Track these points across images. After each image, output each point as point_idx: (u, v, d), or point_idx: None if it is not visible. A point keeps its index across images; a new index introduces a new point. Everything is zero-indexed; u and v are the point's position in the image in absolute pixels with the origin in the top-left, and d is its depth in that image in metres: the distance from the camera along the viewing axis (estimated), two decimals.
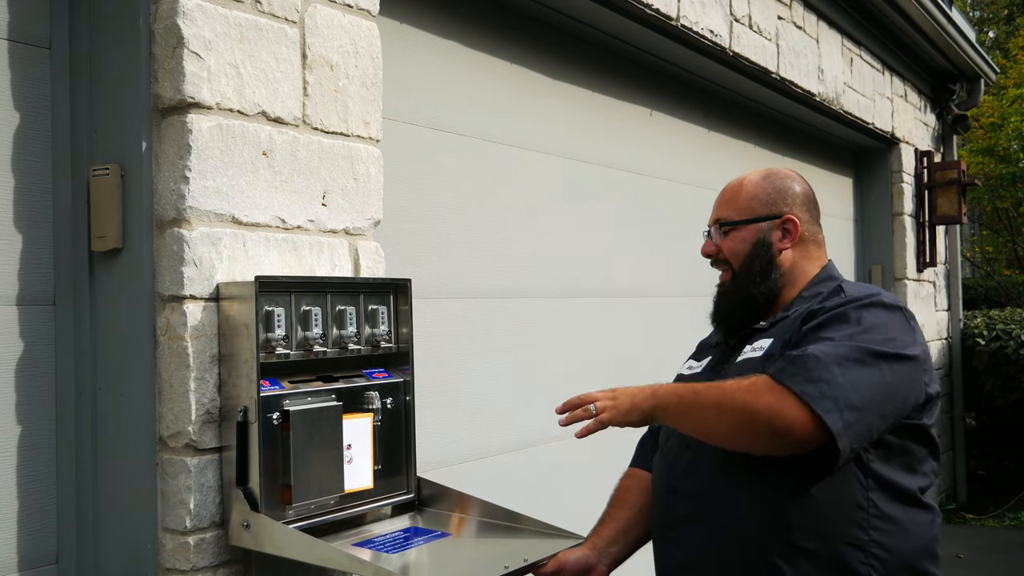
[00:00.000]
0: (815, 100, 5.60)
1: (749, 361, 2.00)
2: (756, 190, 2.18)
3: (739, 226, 2.16)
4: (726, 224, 2.17)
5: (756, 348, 2.03)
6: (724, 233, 2.17)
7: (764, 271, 2.12)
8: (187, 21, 2.06)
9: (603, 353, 4.11)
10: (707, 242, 2.21)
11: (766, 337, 2.04)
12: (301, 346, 2.18)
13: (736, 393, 1.82)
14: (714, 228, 2.19)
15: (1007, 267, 12.08)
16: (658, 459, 2.18)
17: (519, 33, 3.74)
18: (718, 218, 2.20)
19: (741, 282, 2.13)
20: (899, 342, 1.87)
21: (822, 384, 1.75)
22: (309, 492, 2.09)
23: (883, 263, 7.30)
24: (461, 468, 3.31)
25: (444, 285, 3.31)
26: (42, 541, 2.09)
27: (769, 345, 2.00)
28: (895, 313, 1.93)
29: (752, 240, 2.14)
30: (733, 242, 2.16)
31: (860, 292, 1.99)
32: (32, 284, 2.10)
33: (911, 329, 1.94)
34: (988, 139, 10.25)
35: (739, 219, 2.16)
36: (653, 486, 2.17)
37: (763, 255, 2.13)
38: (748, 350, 2.05)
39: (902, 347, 1.86)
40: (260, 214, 2.21)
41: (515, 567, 2.00)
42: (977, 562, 6.23)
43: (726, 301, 2.16)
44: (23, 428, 2.07)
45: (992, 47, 19.38)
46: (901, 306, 1.96)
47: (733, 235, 2.16)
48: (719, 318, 2.18)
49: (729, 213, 2.18)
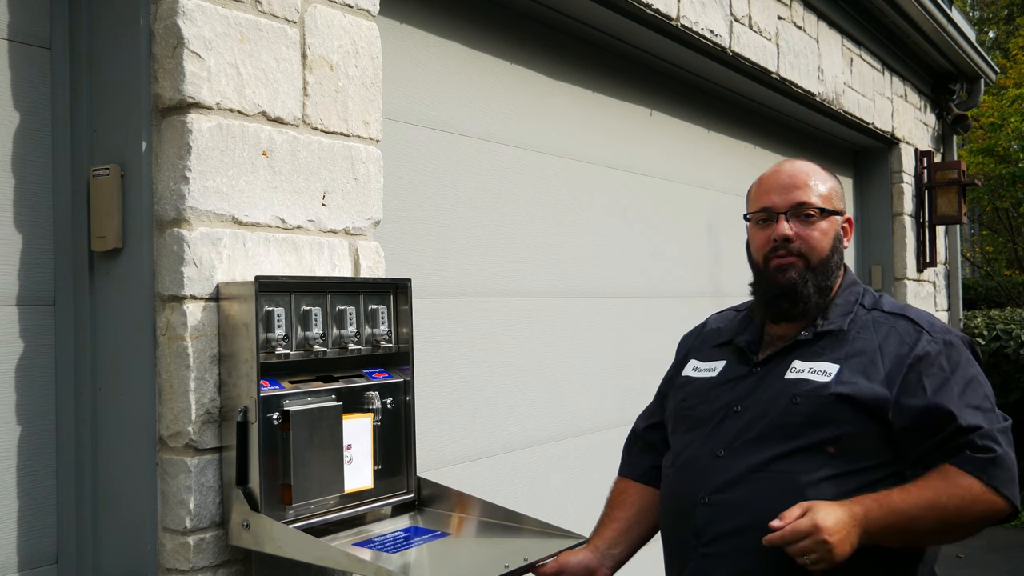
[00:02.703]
0: (815, 100, 5.61)
1: (809, 383, 1.93)
2: (828, 182, 2.06)
3: (825, 215, 2.02)
4: (812, 212, 2.00)
5: (819, 371, 1.94)
6: (806, 218, 2.01)
7: (837, 267, 2.05)
8: (187, 21, 2.06)
9: (603, 353, 4.11)
10: (782, 223, 2.01)
11: (820, 357, 1.96)
12: (301, 346, 2.18)
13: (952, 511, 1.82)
14: (791, 212, 2.01)
15: (1007, 267, 12.08)
16: (675, 470, 2.08)
17: (519, 33, 3.74)
18: (803, 202, 2.01)
19: (820, 275, 2.01)
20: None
21: (1015, 479, 1.86)
22: (309, 492, 2.09)
23: (883, 263, 7.30)
24: (461, 468, 3.31)
25: (444, 285, 3.31)
26: (42, 541, 2.09)
27: (836, 372, 1.92)
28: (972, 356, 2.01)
29: (833, 234, 2.04)
30: (817, 232, 2.01)
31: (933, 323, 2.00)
32: (32, 284, 2.10)
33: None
34: (988, 139, 10.25)
35: (826, 207, 2.02)
36: (672, 498, 2.07)
37: (839, 251, 2.05)
38: (803, 368, 1.96)
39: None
40: (260, 214, 2.21)
41: (515, 566, 2.00)
42: (977, 562, 6.23)
43: (802, 291, 1.98)
44: (23, 428, 2.07)
45: (992, 47, 19.38)
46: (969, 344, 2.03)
47: (817, 224, 2.01)
48: (783, 305, 2.00)
49: (814, 199, 2.02)
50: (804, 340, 2.01)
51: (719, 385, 2.07)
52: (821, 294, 2.01)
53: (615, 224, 4.32)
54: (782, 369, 1.99)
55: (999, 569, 6.17)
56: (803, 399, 1.92)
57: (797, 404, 1.92)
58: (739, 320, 2.20)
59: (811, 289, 1.99)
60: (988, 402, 1.90)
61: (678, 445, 2.10)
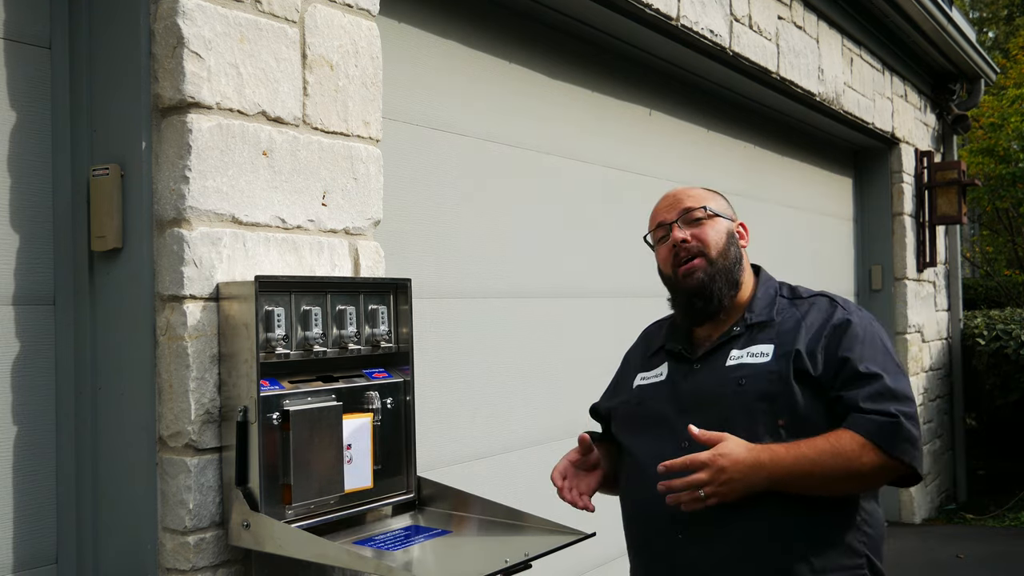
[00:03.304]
0: (815, 100, 5.61)
1: (752, 366, 2.07)
2: (711, 195, 2.25)
3: (714, 216, 2.18)
4: (701, 210, 2.17)
5: (755, 354, 2.08)
6: (696, 222, 2.17)
7: (737, 261, 2.18)
8: (187, 21, 2.06)
9: (603, 353, 4.10)
10: (676, 230, 2.16)
11: (754, 342, 2.10)
12: (301, 346, 2.18)
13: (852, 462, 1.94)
14: (681, 220, 2.17)
15: (1007, 267, 12.07)
16: (640, 470, 2.12)
17: (519, 33, 3.74)
18: (688, 207, 2.18)
19: (722, 267, 2.15)
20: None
21: (914, 443, 1.99)
22: (309, 492, 2.09)
23: (883, 263, 7.30)
24: (461, 468, 3.31)
25: (444, 285, 3.31)
26: (42, 541, 2.09)
27: (773, 351, 2.06)
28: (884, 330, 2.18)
29: (726, 231, 2.19)
30: (709, 230, 2.17)
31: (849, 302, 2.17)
32: (32, 284, 2.10)
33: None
34: (988, 139, 10.24)
35: (714, 209, 2.19)
36: (642, 494, 2.11)
37: (735, 247, 2.20)
38: (741, 355, 2.09)
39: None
40: (260, 214, 2.21)
41: (516, 561, 2.00)
42: (977, 562, 6.23)
43: (711, 285, 2.13)
44: (23, 428, 2.07)
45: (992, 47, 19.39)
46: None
47: (708, 223, 2.17)
48: (699, 303, 2.14)
49: (700, 203, 2.19)
50: (737, 334, 2.14)
51: (669, 385, 2.17)
52: (731, 287, 2.16)
53: (615, 223, 4.32)
54: (721, 360, 2.12)
55: (998, 569, 6.17)
56: (747, 381, 2.05)
57: (743, 386, 2.05)
58: (664, 330, 2.33)
59: (720, 283, 2.14)
60: (896, 367, 2.05)
61: (639, 445, 2.16)
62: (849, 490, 2.01)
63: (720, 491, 1.91)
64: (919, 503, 7.30)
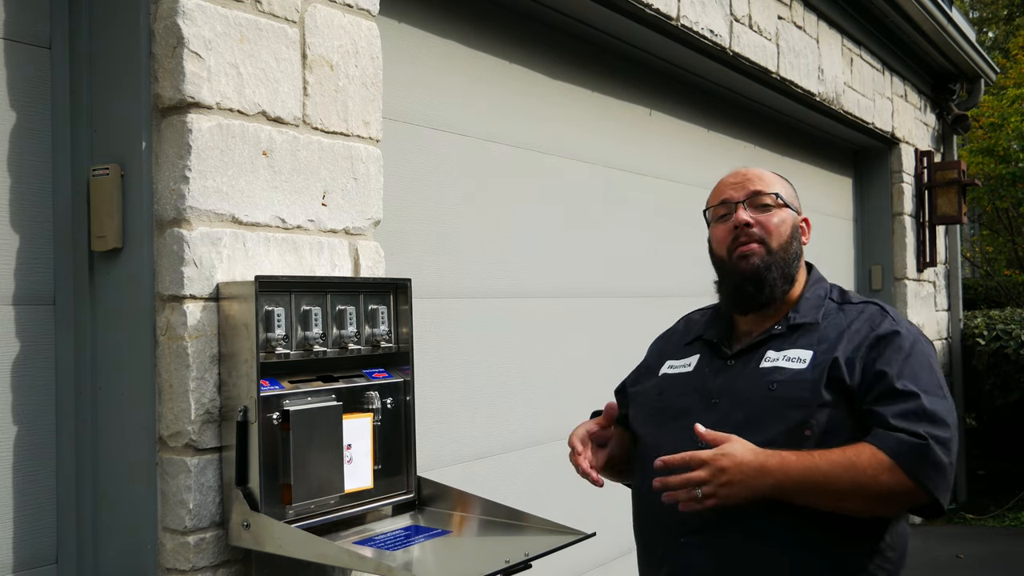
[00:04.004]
0: (815, 100, 5.61)
1: (786, 370, 1.95)
2: (782, 182, 2.14)
3: (782, 206, 2.08)
4: (769, 201, 2.07)
5: (791, 358, 1.97)
6: (763, 208, 2.06)
7: (797, 256, 2.09)
8: (187, 21, 2.06)
9: (604, 353, 4.11)
10: (742, 210, 2.06)
11: (793, 346, 1.99)
12: (301, 346, 2.18)
13: (868, 480, 1.81)
14: (748, 203, 2.06)
15: (1007, 267, 12.06)
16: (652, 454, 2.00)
17: (518, 33, 3.74)
18: (758, 191, 2.07)
19: (781, 259, 2.05)
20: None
21: (941, 470, 1.83)
22: (309, 492, 2.09)
23: (883, 263, 7.30)
24: (461, 468, 3.31)
25: (444, 285, 3.31)
26: (42, 541, 2.09)
27: (811, 358, 1.95)
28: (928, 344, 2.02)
29: (791, 223, 2.09)
30: (775, 219, 2.06)
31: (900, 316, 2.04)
32: (32, 284, 2.09)
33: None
34: (988, 139, 10.23)
35: (783, 198, 2.09)
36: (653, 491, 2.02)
37: (798, 240, 2.11)
38: (777, 357, 1.98)
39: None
40: (260, 214, 2.21)
41: (516, 561, 2.00)
42: (977, 562, 6.23)
43: (767, 274, 2.02)
44: (23, 428, 2.07)
45: (992, 47, 19.39)
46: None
47: (775, 212, 2.07)
48: (750, 291, 2.03)
49: (771, 189, 2.08)
50: (778, 333, 2.03)
51: (696, 378, 2.08)
52: (785, 280, 2.06)
53: (615, 224, 4.32)
54: (756, 360, 2.01)
55: (998, 569, 6.16)
56: (779, 386, 1.94)
57: (773, 391, 1.94)
58: (707, 318, 2.23)
59: (775, 273, 2.03)
60: (938, 389, 1.91)
61: (656, 438, 2.07)
62: (863, 511, 1.87)
63: (719, 493, 1.80)
64: None
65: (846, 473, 1.81)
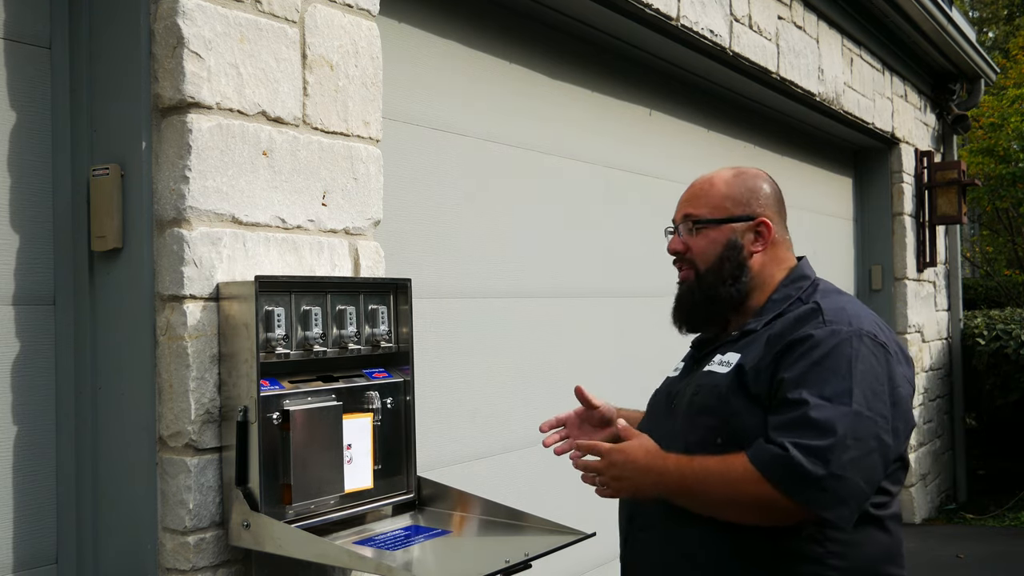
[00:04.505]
0: (815, 100, 5.60)
1: (713, 375, 1.95)
2: (728, 189, 2.08)
3: (711, 225, 2.05)
4: (699, 222, 2.06)
5: (723, 363, 1.96)
6: (694, 231, 2.06)
7: (734, 274, 2.03)
8: (187, 21, 2.06)
9: (603, 352, 4.11)
10: (674, 239, 2.10)
11: (734, 350, 1.97)
12: (301, 346, 2.18)
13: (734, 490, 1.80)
14: (682, 225, 2.08)
15: (1007, 267, 12.06)
16: None
17: (519, 33, 3.74)
18: (687, 214, 2.08)
19: (706, 283, 2.04)
20: (883, 396, 1.83)
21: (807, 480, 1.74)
22: (309, 492, 2.09)
23: (883, 263, 7.30)
24: (461, 468, 3.31)
25: (444, 285, 3.31)
26: (42, 541, 2.09)
27: (736, 361, 1.93)
28: (879, 353, 1.87)
29: (724, 241, 2.04)
30: (703, 241, 2.06)
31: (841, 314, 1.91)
32: (32, 284, 2.10)
33: (894, 373, 1.87)
34: (988, 139, 10.23)
35: (711, 218, 2.05)
36: None
37: (734, 257, 2.03)
38: (716, 362, 1.98)
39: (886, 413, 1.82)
40: (260, 214, 2.21)
41: (516, 561, 2.00)
42: (977, 562, 6.23)
43: (689, 300, 2.08)
44: (23, 428, 2.07)
45: (992, 47, 19.39)
46: (884, 342, 1.89)
47: (704, 234, 2.05)
48: (678, 317, 2.11)
49: (700, 211, 2.07)
50: (733, 339, 2.02)
51: (674, 381, 2.15)
52: (715, 301, 2.04)
53: (615, 224, 4.32)
54: (703, 365, 2.05)
55: (998, 569, 6.16)
56: (700, 391, 1.96)
57: (696, 396, 1.97)
58: None
59: (698, 297, 2.05)
60: (844, 395, 1.78)
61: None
62: (737, 519, 1.83)
63: (610, 484, 1.92)
64: (919, 503, 7.30)
65: (718, 481, 1.82)
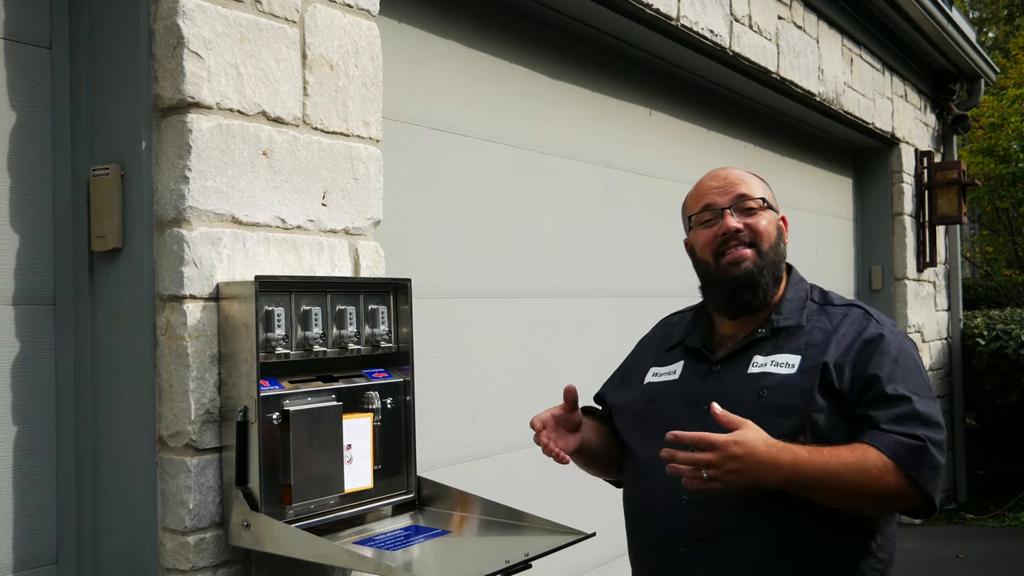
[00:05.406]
0: (815, 100, 5.60)
1: (773, 376, 1.95)
2: (762, 183, 2.12)
3: (767, 208, 2.06)
4: (758, 201, 2.04)
5: (781, 364, 1.96)
6: (749, 211, 2.03)
7: (783, 256, 2.08)
8: (187, 21, 2.06)
9: (603, 353, 4.10)
10: (730, 217, 2.02)
11: (779, 350, 1.98)
12: (301, 346, 2.18)
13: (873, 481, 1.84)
14: (735, 207, 2.03)
15: (1007, 267, 12.06)
16: (644, 474, 2.05)
17: (519, 33, 3.74)
18: (743, 194, 2.05)
19: (769, 261, 2.03)
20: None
21: (938, 471, 1.89)
22: (309, 492, 2.09)
23: (883, 263, 7.30)
24: (461, 468, 3.31)
25: (444, 285, 3.31)
26: (42, 541, 2.09)
27: (799, 363, 1.94)
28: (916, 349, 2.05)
29: (775, 224, 2.07)
30: (764, 221, 2.04)
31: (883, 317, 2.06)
32: (32, 284, 2.09)
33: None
34: (988, 139, 10.23)
35: (767, 200, 2.07)
36: (647, 503, 2.04)
37: (781, 241, 2.09)
38: (765, 363, 1.97)
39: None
40: (260, 214, 2.21)
41: (516, 561, 2.00)
42: (977, 562, 6.23)
43: (760, 275, 2.01)
44: (23, 428, 2.07)
45: (992, 47, 19.38)
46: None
47: (762, 214, 2.04)
48: (753, 292, 2.01)
49: (756, 192, 2.06)
50: (762, 337, 2.02)
51: (682, 386, 2.07)
52: (775, 283, 2.05)
53: (615, 224, 4.32)
54: (743, 365, 2.00)
55: (998, 569, 6.16)
56: (769, 392, 1.93)
57: (764, 397, 1.93)
58: (686, 322, 2.21)
59: (767, 277, 2.03)
60: (927, 391, 1.94)
61: (645, 448, 2.05)
62: (863, 510, 1.90)
63: (725, 478, 1.78)
64: None
65: (855, 474, 1.82)
